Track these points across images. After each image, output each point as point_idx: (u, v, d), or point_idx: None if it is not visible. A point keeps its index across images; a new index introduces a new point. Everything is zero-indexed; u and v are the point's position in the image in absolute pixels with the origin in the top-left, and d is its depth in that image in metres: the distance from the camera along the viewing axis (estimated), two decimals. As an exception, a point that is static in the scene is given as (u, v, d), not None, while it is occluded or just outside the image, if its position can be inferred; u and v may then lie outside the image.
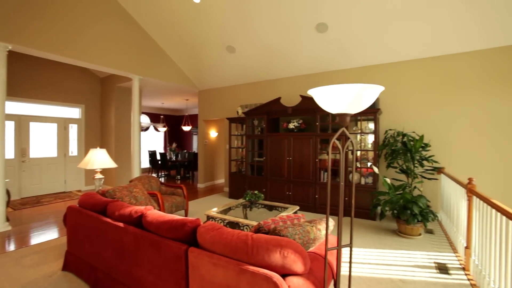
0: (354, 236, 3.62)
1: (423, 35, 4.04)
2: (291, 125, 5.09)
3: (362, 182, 4.46)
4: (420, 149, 3.91)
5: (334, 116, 4.60)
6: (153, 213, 2.06)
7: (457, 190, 3.19)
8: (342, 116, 1.31)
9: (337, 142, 1.31)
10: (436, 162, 3.92)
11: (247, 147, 5.83)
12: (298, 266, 1.46)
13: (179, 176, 9.26)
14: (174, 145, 10.38)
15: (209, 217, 3.53)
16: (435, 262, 2.89)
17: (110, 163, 3.49)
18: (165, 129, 11.82)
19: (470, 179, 2.58)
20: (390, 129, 4.45)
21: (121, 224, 2.16)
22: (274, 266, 1.44)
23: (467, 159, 4.10)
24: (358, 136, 4.68)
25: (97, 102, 7.38)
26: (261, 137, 5.64)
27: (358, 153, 4.70)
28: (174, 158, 9.92)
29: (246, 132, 5.85)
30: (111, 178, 6.84)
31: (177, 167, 9.33)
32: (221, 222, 3.41)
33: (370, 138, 4.60)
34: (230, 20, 4.85)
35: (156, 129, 11.74)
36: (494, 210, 2.03)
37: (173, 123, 12.87)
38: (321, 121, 4.76)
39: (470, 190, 2.53)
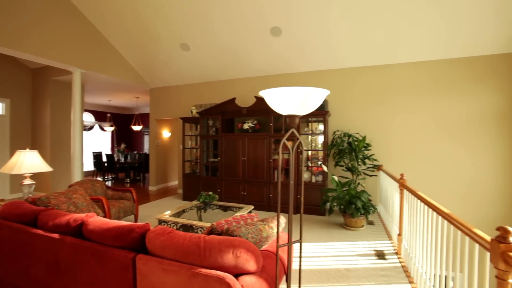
0: (306, 231, 3.83)
1: (368, 45, 4.47)
2: (245, 126, 5.14)
3: (313, 180, 4.73)
4: (363, 148, 4.31)
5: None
6: (96, 220, 1.89)
7: (392, 184, 3.59)
8: (292, 117, 1.38)
9: (286, 142, 1.37)
10: (376, 160, 4.37)
11: (202, 148, 5.71)
12: (251, 265, 1.48)
13: (128, 179, 8.64)
14: (123, 145, 9.63)
15: (161, 221, 3.37)
16: (374, 250, 3.21)
17: (43, 167, 3.08)
18: (112, 128, 10.90)
19: (401, 175, 2.94)
20: (338, 130, 4.82)
21: (56, 236, 1.92)
22: (227, 266, 1.45)
23: (402, 157, 4.66)
24: (309, 136, 4.95)
25: (27, 96, 6.46)
26: (216, 138, 5.58)
27: (310, 152, 4.97)
28: (122, 160, 9.21)
29: (200, 132, 5.73)
30: (46, 184, 6.06)
31: (126, 170, 8.69)
32: (173, 226, 3.28)
33: (320, 139, 4.91)
34: (184, 17, 4.70)
35: (102, 129, 10.76)
36: (419, 201, 2.34)
37: (122, 122, 11.95)
38: (275, 122, 4.91)
39: (402, 184, 2.88)
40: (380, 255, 3.07)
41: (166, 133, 7.98)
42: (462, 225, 1.54)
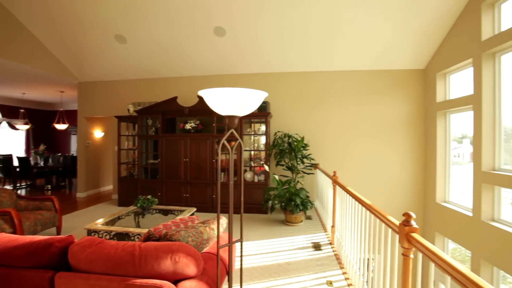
0: (249, 230, 3.90)
1: (305, 52, 4.80)
2: (188, 126, 4.99)
3: (256, 180, 4.86)
4: (302, 148, 4.61)
5: (231, 118, 4.83)
6: (0, 238, 1.59)
7: (326, 181, 3.93)
8: (231, 118, 1.39)
9: (226, 143, 1.38)
10: (313, 159, 4.73)
11: (140, 149, 5.32)
12: (191, 269, 1.45)
13: (49, 186, 7.47)
14: (42, 147, 8.27)
15: (90, 232, 3.02)
16: (312, 242, 3.46)
17: None
18: (27, 126, 9.26)
19: (334, 172, 3.25)
20: (279, 131, 5.06)
21: None
22: (165, 273, 1.38)
23: (335, 156, 5.15)
24: (252, 137, 5.08)
25: None
26: (156, 138, 5.26)
27: (252, 153, 5.10)
28: (42, 164, 7.93)
29: (138, 132, 5.32)
30: None
31: (47, 175, 7.51)
32: (106, 236, 2.98)
33: (263, 139, 5.07)
34: (121, 6, 4.29)
35: (13, 127, 9.06)
36: (348, 195, 2.62)
37: (41, 119, 10.26)
38: (218, 123, 4.88)
39: (334, 181, 3.18)
40: (317, 246, 3.33)
41: (98, 133, 7.17)
42: (379, 213, 1.78)
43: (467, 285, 0.95)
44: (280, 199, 3.98)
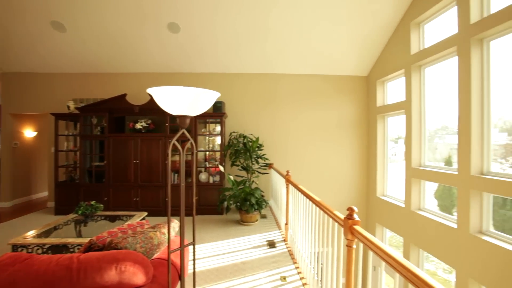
0: (204, 232, 3.83)
1: (259, 55, 4.90)
2: (138, 125, 4.69)
3: (211, 180, 4.79)
4: (256, 148, 4.70)
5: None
6: None
7: (280, 180, 4.06)
8: (182, 118, 1.35)
9: (177, 143, 1.33)
10: (267, 159, 4.86)
11: (83, 150, 4.81)
12: (139, 278, 1.36)
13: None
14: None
15: (17, 247, 2.62)
16: (266, 240, 3.54)
17: None
18: None
19: (287, 172, 3.37)
20: (234, 132, 5.07)
21: None
22: (109, 285, 1.28)
23: (289, 155, 5.37)
24: (207, 137, 5.00)
25: None
26: (102, 138, 4.82)
27: (207, 153, 5.01)
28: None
29: (81, 132, 4.81)
30: None
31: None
32: (38, 250, 2.62)
33: (218, 140, 5.02)
34: (53, -10, 3.83)
35: None
36: (300, 193, 2.75)
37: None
38: (172, 122, 4.69)
39: (287, 180, 3.31)
40: (271, 244, 3.42)
41: (29, 133, 6.28)
42: (327, 209, 1.91)
43: (397, 267, 1.08)
44: (235, 199, 3.98)
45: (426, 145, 4.09)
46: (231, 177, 4.16)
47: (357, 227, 1.46)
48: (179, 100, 1.27)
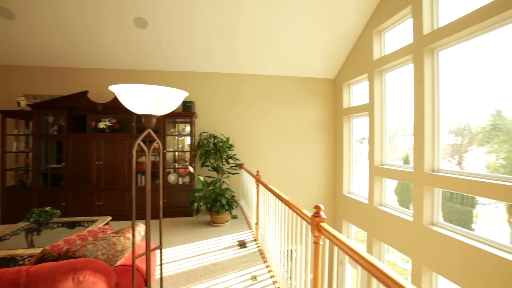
0: (173, 235, 3.72)
1: (230, 55, 4.88)
2: (101, 125, 4.41)
3: (180, 182, 4.67)
4: (227, 149, 4.67)
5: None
6: None
7: (251, 180, 4.09)
8: (148, 117, 1.30)
9: (142, 144, 1.28)
10: (238, 159, 4.85)
11: (37, 151, 4.40)
12: (100, 287, 1.28)
13: None
14: None
15: (-46, 260, 2.32)
16: (237, 241, 3.53)
17: None
18: None
19: (257, 172, 3.40)
20: (204, 132, 4.99)
21: None
22: (66, 297, 1.18)
23: (259, 155, 5.41)
24: (176, 137, 4.86)
25: None
26: (59, 138, 4.45)
27: (176, 154, 4.88)
28: None
29: (34, 131, 4.39)
30: None
31: None
32: (-19, 262, 2.35)
33: (188, 140, 4.91)
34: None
35: None
36: (269, 192, 2.79)
37: None
38: (138, 122, 4.48)
39: (258, 180, 3.34)
40: (242, 244, 3.42)
41: (-31, 132, 5.57)
42: (296, 208, 1.96)
43: (358, 260, 1.15)
44: (205, 200, 3.92)
45: (387, 145, 4.38)
46: (201, 178, 4.09)
47: (323, 224, 1.52)
48: (144, 99, 1.22)
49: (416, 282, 3.41)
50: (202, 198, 3.94)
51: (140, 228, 1.68)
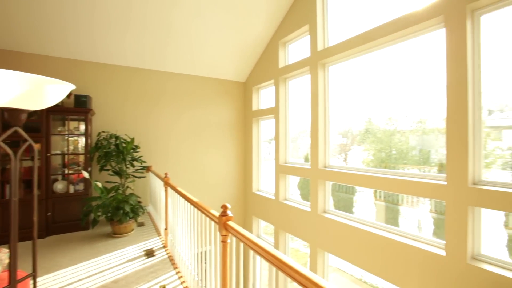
0: (61, 255, 3.11)
1: (137, 47, 4.42)
2: None
3: (72, 190, 3.93)
4: (132, 150, 4.22)
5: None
6: None
7: (159, 183, 3.83)
8: (14, 112, 1.04)
9: (4, 145, 1.01)
10: (144, 162, 4.45)
11: None
12: None
13: None
14: None
15: None
16: (144, 250, 3.24)
17: None
18: None
19: (166, 174, 3.21)
20: (104, 131, 4.36)
21: None
22: None
23: (170, 157, 5.12)
24: (67, 137, 4.07)
25: None
26: None
27: (66, 157, 4.08)
28: None
29: None
30: None
31: None
32: None
33: (83, 141, 4.17)
34: None
35: None
36: (178, 195, 2.68)
37: None
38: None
39: (166, 183, 3.15)
40: (149, 253, 3.16)
41: None
42: (204, 209, 1.95)
43: (261, 253, 1.24)
44: (105, 209, 3.43)
45: (290, 145, 4.89)
46: (99, 184, 3.56)
47: (230, 223, 1.57)
48: (9, 89, 0.96)
49: (313, 263, 3.95)
50: (101, 207, 3.43)
51: (2, 255, 1.30)
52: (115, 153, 3.98)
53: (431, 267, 2.59)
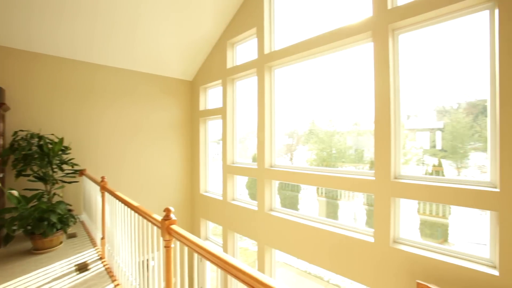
0: (-40, 280, 2.55)
1: (67, 34, 3.89)
2: None
3: (-23, 201, 3.27)
4: (60, 152, 3.71)
5: None
6: None
7: (95, 188, 3.45)
8: None
9: None
10: (77, 165, 3.95)
11: None
12: None
13: None
14: None
15: None
16: (75, 265, 2.88)
17: None
18: None
19: (102, 178, 2.91)
20: (22, 130, 3.72)
21: None
22: None
23: (108, 159, 4.64)
24: (-30, 138, 3.36)
25: None
26: None
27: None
28: None
29: None
30: None
31: None
32: None
33: (-8, 141, 3.50)
34: None
35: None
36: (117, 200, 2.46)
37: None
38: None
39: (103, 187, 2.86)
40: (82, 267, 2.83)
41: None
42: (145, 213, 1.83)
43: (205, 255, 1.22)
44: (23, 222, 2.93)
45: (238, 145, 4.93)
46: (15, 193, 3.03)
47: (173, 227, 1.51)
48: None
49: (261, 260, 4.05)
50: (18, 219, 2.92)
51: None
52: (38, 155, 3.44)
53: (365, 254, 2.91)
